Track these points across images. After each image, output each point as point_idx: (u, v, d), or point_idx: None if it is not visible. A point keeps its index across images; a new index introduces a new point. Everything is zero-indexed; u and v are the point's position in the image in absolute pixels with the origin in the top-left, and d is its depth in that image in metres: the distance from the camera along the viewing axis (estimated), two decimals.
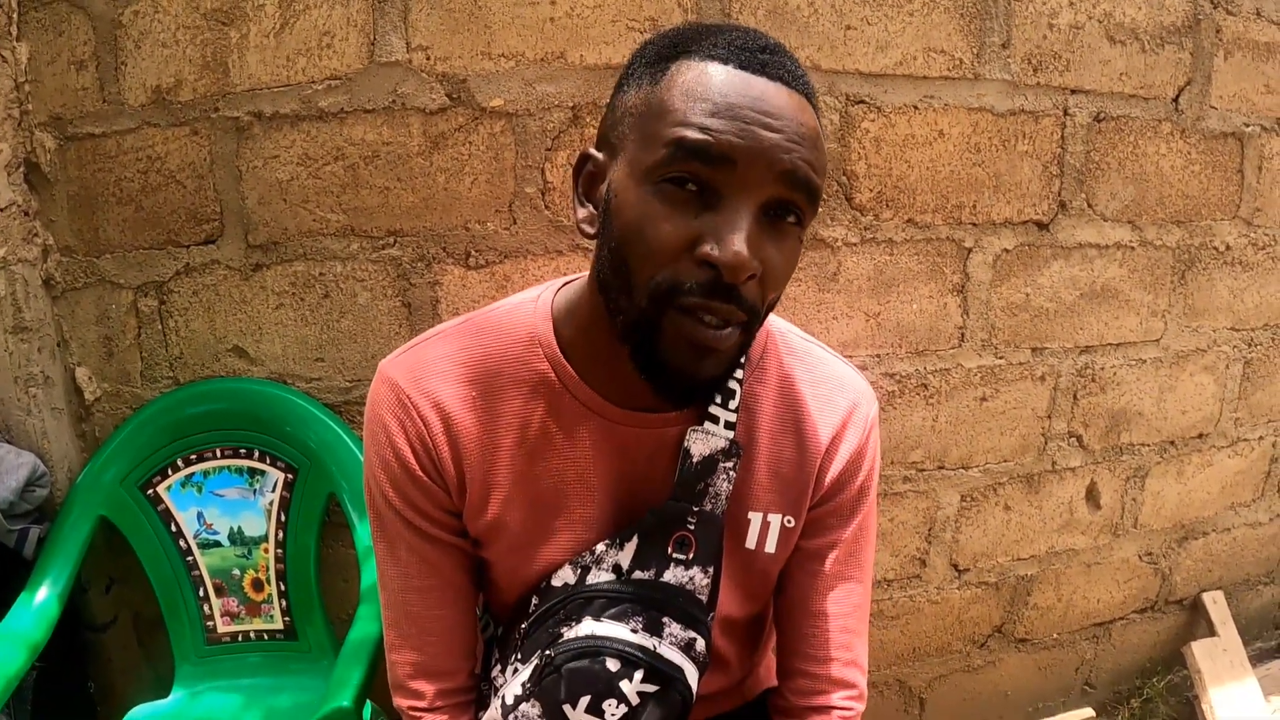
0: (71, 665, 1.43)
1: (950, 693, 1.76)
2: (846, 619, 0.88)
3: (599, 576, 0.81)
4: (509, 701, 0.83)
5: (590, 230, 0.74)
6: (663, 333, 0.68)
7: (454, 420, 0.80)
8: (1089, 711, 1.77)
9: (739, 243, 0.64)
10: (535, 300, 0.84)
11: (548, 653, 0.80)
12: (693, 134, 0.65)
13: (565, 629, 0.80)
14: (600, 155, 0.74)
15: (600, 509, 0.83)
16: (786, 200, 0.68)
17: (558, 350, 0.81)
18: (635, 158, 0.69)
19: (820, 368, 0.87)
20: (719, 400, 0.81)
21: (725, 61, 0.68)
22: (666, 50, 0.71)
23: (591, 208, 0.75)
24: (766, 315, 0.74)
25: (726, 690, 0.98)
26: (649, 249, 0.67)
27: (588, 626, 0.79)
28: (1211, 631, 1.92)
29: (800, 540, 0.88)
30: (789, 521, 0.85)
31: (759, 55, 0.68)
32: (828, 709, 0.87)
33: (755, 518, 0.85)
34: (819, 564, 0.88)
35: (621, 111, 0.72)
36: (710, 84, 0.67)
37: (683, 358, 0.69)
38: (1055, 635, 1.82)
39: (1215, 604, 1.95)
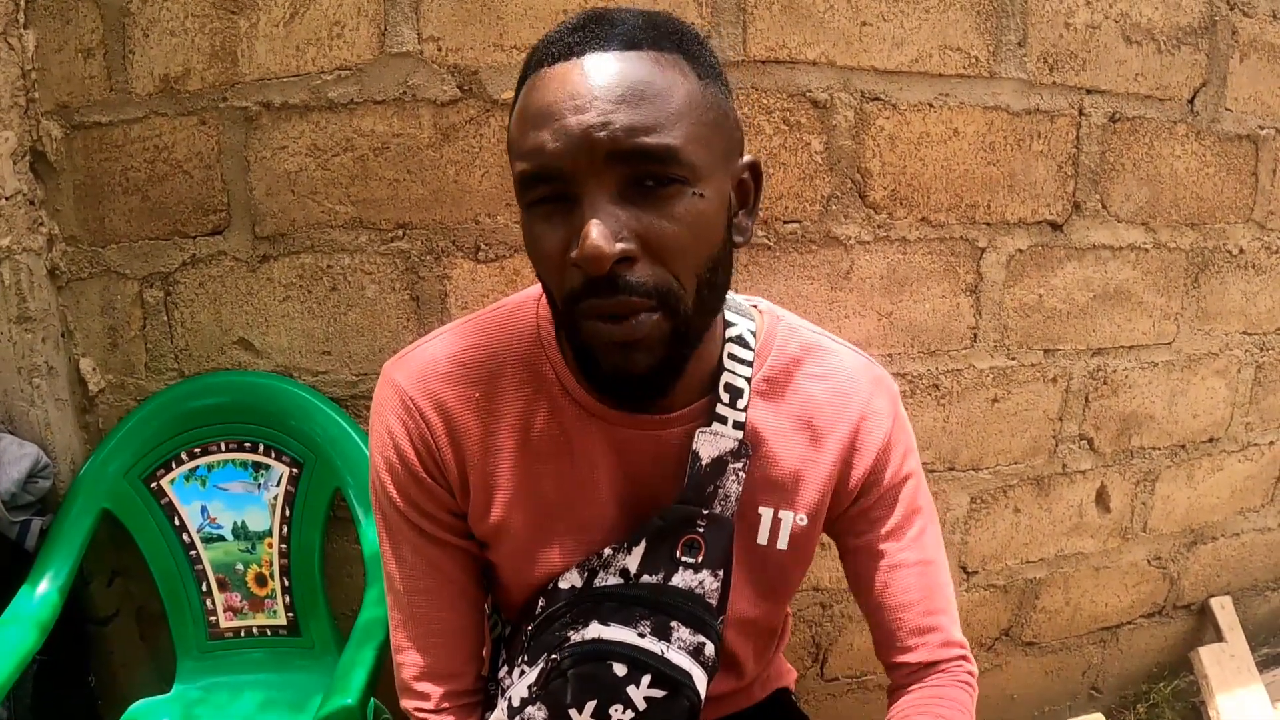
0: (73, 658, 1.42)
1: None
2: (927, 603, 0.86)
3: (606, 580, 0.80)
4: (515, 704, 0.82)
5: None
6: (584, 339, 0.68)
7: (457, 422, 0.79)
8: (1097, 717, 1.76)
9: (591, 235, 0.62)
10: (538, 299, 0.82)
11: (554, 656, 0.79)
12: (522, 165, 0.66)
13: (572, 632, 0.79)
14: None
15: (605, 511, 0.82)
16: (639, 173, 0.64)
17: (559, 351, 0.80)
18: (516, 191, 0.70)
19: (831, 360, 0.85)
20: (727, 400, 0.80)
21: (544, 64, 0.66)
22: (520, 76, 0.71)
23: None
24: (704, 285, 0.69)
25: (737, 691, 0.97)
26: (542, 269, 0.69)
27: (595, 630, 0.78)
28: (1219, 637, 1.91)
29: (854, 539, 0.87)
30: (801, 520, 0.84)
31: (568, 39, 0.66)
32: (933, 675, 0.86)
33: (766, 513, 0.84)
34: (882, 559, 0.86)
35: None
36: (530, 97, 0.66)
37: (609, 358, 0.68)
38: (1063, 639, 1.81)
39: (1223, 609, 1.94)
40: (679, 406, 0.80)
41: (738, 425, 0.80)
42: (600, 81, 0.63)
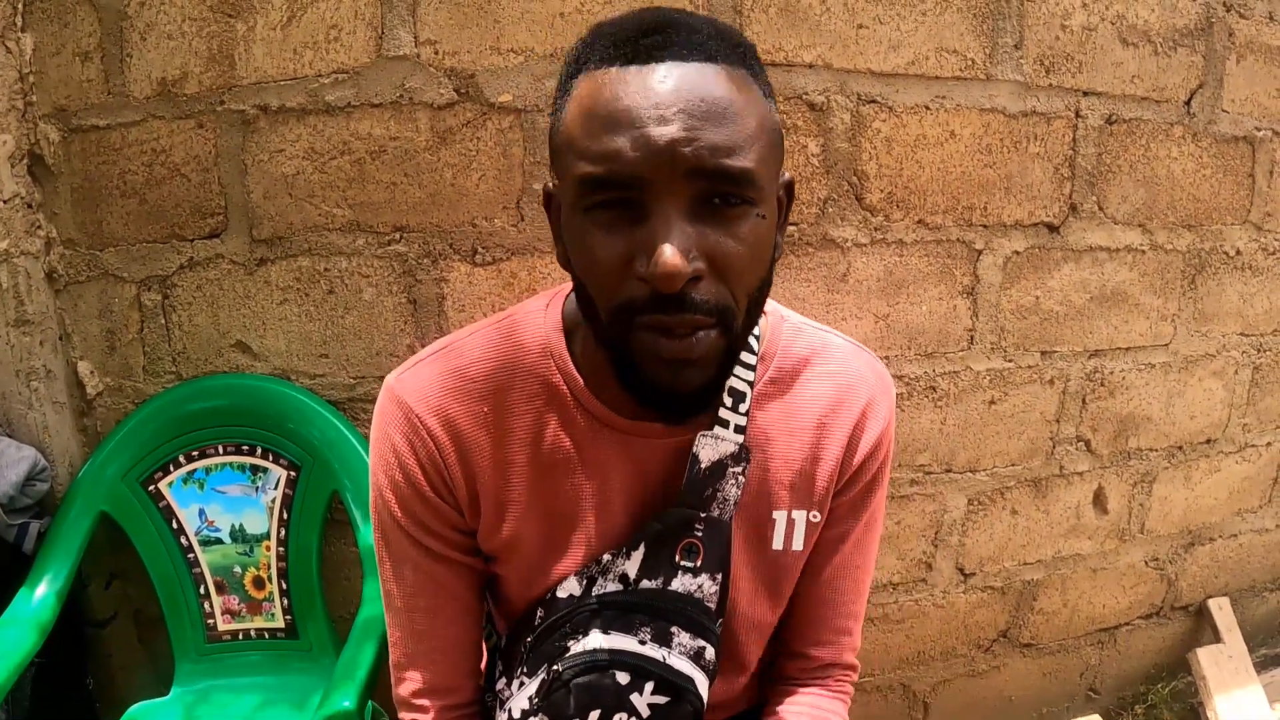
0: (71, 661, 1.42)
1: (954, 697, 1.75)
2: (850, 605, 0.91)
3: (605, 586, 0.80)
4: (516, 716, 0.82)
5: (564, 263, 0.74)
6: (634, 352, 0.67)
7: (466, 439, 0.78)
8: (1095, 718, 1.76)
9: (666, 253, 0.61)
10: (545, 309, 0.81)
11: (555, 667, 0.79)
12: (591, 168, 0.63)
13: (572, 642, 0.79)
14: (554, 187, 0.73)
15: (617, 523, 0.81)
16: (713, 191, 0.64)
17: (569, 362, 0.79)
18: (565, 189, 0.68)
19: (838, 355, 0.85)
20: (730, 404, 0.79)
21: (612, 62, 0.64)
22: (570, 66, 0.69)
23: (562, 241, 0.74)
24: (753, 304, 0.70)
25: (741, 694, 0.97)
26: (596, 275, 0.67)
27: (595, 639, 0.78)
28: (1217, 638, 1.91)
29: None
30: (814, 517, 0.84)
31: (642, 42, 0.64)
32: (825, 678, 0.93)
33: (780, 516, 0.83)
34: (829, 553, 0.88)
35: (550, 142, 0.72)
36: (599, 97, 0.64)
37: (659, 374, 0.67)
38: (1060, 640, 1.81)
39: (1221, 610, 1.94)
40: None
41: (739, 429, 0.79)
42: (684, 94, 0.62)
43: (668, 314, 0.64)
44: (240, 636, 1.39)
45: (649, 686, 0.78)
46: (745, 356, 0.81)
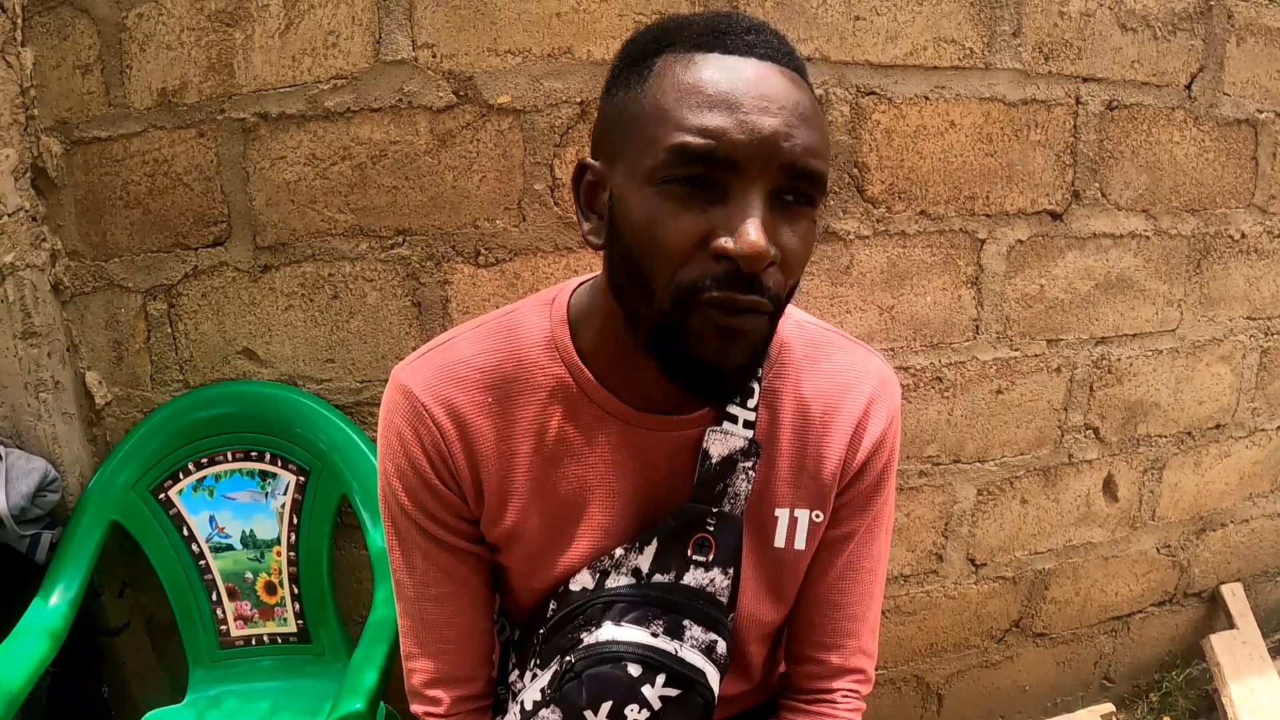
0: (85, 669, 1.43)
1: (968, 688, 1.74)
2: (856, 607, 0.89)
3: (618, 580, 0.80)
4: (528, 707, 0.82)
5: (598, 241, 0.72)
6: (689, 329, 0.66)
7: (470, 428, 0.79)
8: (1109, 707, 1.75)
9: (753, 231, 0.62)
10: (551, 303, 0.82)
11: (568, 658, 0.79)
12: (694, 139, 0.63)
13: (585, 634, 0.79)
14: (597, 163, 0.72)
15: (620, 514, 0.81)
16: (791, 188, 0.66)
17: (575, 355, 0.79)
18: (635, 162, 0.67)
19: (840, 356, 0.85)
20: (737, 400, 0.80)
21: (710, 49, 0.66)
22: (649, 46, 0.69)
23: (596, 218, 0.73)
24: (788, 302, 0.72)
25: (746, 692, 0.97)
26: (662, 251, 0.65)
27: (608, 631, 0.78)
28: (1230, 624, 1.90)
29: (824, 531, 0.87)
30: (817, 516, 0.84)
31: (744, 37, 0.66)
32: (833, 691, 0.90)
33: (782, 514, 0.83)
34: (834, 554, 0.88)
35: (613, 116, 0.70)
36: (700, 74, 0.65)
37: (710, 347, 0.67)
38: (1073, 629, 1.80)
39: (1234, 596, 1.93)
40: (698, 407, 0.80)
41: (748, 424, 0.80)
42: (784, 93, 0.65)
43: (738, 291, 0.65)
44: (253, 642, 1.40)
45: (660, 679, 0.78)
46: None
